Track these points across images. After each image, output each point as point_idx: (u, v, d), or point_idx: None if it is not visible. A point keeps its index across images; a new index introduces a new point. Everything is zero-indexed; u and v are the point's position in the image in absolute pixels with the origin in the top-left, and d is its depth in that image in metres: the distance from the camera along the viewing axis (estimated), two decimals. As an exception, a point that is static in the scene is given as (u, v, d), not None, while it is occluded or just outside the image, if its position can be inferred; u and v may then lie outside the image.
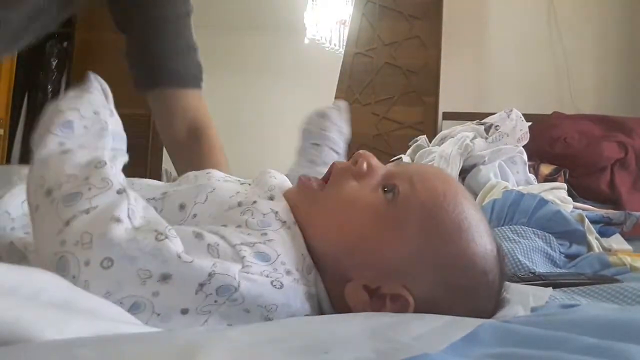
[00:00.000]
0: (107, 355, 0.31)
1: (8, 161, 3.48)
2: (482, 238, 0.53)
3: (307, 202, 0.56)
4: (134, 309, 0.43)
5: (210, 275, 0.45)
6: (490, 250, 0.53)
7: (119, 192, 0.47)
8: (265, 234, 0.50)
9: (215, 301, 0.45)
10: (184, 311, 0.45)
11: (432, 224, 0.52)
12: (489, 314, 0.53)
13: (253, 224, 0.51)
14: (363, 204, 0.54)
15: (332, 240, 0.53)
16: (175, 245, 0.45)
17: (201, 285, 0.45)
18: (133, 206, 0.46)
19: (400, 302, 0.50)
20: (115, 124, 0.55)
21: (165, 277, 0.44)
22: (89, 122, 0.52)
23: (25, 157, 3.07)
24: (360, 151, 0.58)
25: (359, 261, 0.52)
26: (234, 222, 0.52)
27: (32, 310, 0.33)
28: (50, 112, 0.53)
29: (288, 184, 0.61)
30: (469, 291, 0.52)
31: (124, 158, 0.53)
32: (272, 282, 0.47)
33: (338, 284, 0.52)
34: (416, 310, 0.50)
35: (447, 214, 0.52)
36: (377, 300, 0.51)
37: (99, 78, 0.58)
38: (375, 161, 0.57)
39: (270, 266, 0.48)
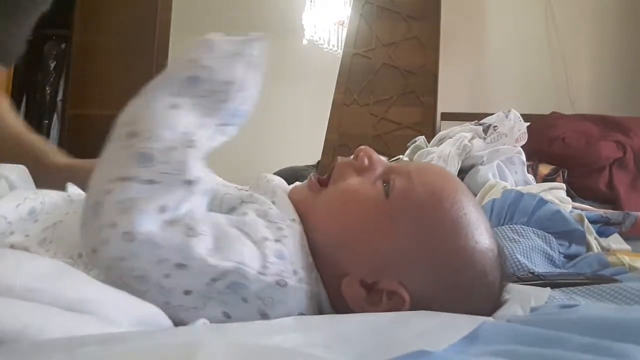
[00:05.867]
0: (109, 353, 0.31)
1: (6, 162, 3.47)
2: (481, 236, 0.53)
3: (310, 198, 0.56)
4: (139, 280, 0.45)
5: (227, 273, 0.46)
6: (489, 249, 0.53)
7: (187, 182, 0.47)
8: (281, 228, 0.51)
9: (219, 292, 0.46)
10: (187, 292, 0.46)
11: (430, 220, 0.52)
12: (488, 314, 0.53)
13: (272, 214, 0.52)
14: (362, 197, 0.54)
15: (331, 233, 0.53)
16: (202, 245, 0.45)
17: (214, 280, 0.46)
18: (187, 202, 0.46)
19: (396, 298, 0.50)
20: (244, 100, 0.53)
21: (181, 266, 0.45)
22: (215, 88, 0.51)
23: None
24: (362, 146, 0.59)
25: (356, 255, 0.52)
26: (254, 211, 0.53)
27: (40, 317, 0.33)
28: (190, 54, 0.52)
29: (286, 185, 0.61)
30: (467, 290, 0.51)
31: (224, 138, 0.52)
32: (277, 281, 0.48)
33: (336, 280, 0.52)
34: (412, 308, 0.50)
35: (445, 210, 0.52)
36: (374, 296, 0.51)
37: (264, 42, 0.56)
38: (376, 156, 0.58)
39: (283, 265, 0.49)
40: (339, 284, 0.51)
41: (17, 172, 0.63)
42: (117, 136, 0.48)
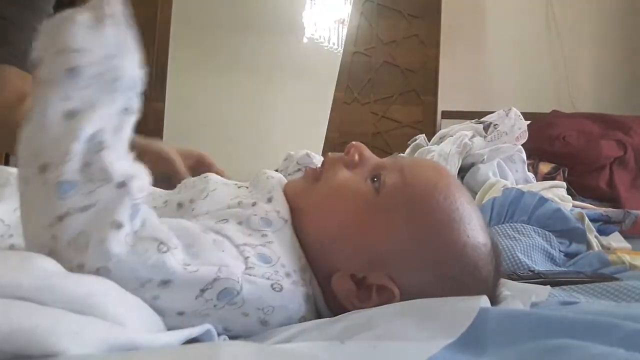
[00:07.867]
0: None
1: (7, 160, 3.46)
2: (473, 231, 0.52)
3: (304, 192, 0.56)
4: None
5: (214, 280, 0.44)
6: (482, 244, 0.53)
7: (119, 186, 0.41)
8: (265, 235, 0.50)
9: (215, 305, 0.45)
10: (180, 313, 0.44)
11: (421, 214, 0.52)
12: None
13: (254, 222, 0.51)
14: (351, 192, 0.54)
15: (321, 228, 0.53)
16: (177, 257, 0.43)
17: (202, 290, 0.44)
18: (135, 202, 0.42)
19: (386, 293, 0.50)
20: (131, 65, 0.45)
21: (165, 283, 0.43)
22: (101, 69, 0.43)
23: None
24: (353, 142, 0.58)
25: (346, 250, 0.52)
26: (235, 218, 0.51)
27: (50, 317, 0.33)
28: (53, 43, 0.42)
29: (285, 181, 0.61)
30: (459, 285, 0.51)
31: (132, 117, 0.45)
32: (272, 285, 0.47)
33: (328, 277, 0.52)
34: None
35: (438, 204, 0.52)
36: (364, 291, 0.51)
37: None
38: (367, 152, 0.58)
39: (272, 268, 0.48)
40: (331, 280, 0.51)
41: None
42: (29, 177, 0.41)
